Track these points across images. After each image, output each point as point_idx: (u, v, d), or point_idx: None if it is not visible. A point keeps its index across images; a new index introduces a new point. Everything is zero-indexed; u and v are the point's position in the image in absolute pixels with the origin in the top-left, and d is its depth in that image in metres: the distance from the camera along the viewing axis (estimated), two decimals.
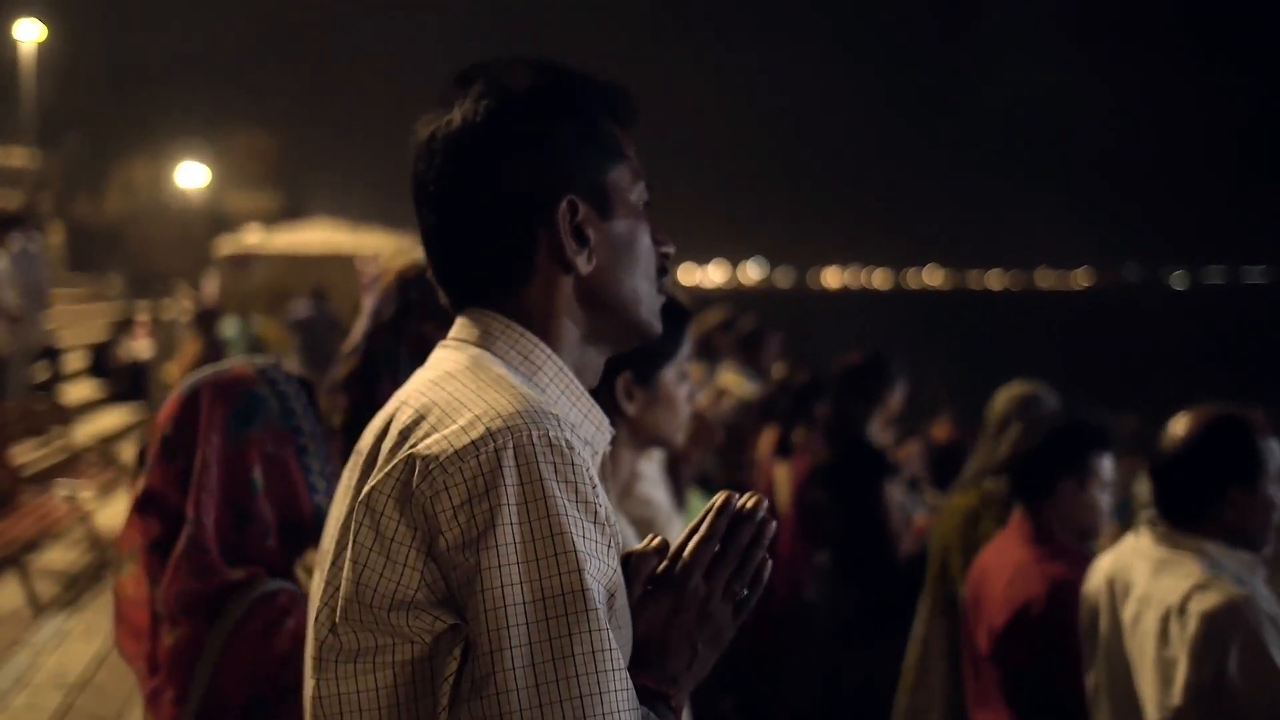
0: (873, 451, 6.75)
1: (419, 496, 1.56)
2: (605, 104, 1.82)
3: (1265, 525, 3.40)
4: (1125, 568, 3.57)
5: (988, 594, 4.35)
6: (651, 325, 1.86)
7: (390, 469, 1.60)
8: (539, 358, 1.76)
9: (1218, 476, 3.39)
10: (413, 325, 3.09)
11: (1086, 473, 4.28)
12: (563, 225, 1.75)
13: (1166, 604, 3.34)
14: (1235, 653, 3.18)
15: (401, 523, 1.57)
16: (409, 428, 1.63)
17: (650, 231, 1.85)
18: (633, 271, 1.81)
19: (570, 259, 1.75)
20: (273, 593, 2.51)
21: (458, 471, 1.55)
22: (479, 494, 1.54)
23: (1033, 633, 4.13)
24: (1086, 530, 4.35)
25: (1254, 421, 3.42)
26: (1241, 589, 3.27)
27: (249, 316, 21.77)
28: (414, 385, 1.73)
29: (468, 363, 1.71)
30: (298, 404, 2.69)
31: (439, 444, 1.58)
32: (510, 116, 1.75)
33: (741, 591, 1.77)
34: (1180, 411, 3.52)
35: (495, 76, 1.79)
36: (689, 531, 1.79)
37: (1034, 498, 4.34)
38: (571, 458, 1.57)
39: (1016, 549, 4.34)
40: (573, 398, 1.78)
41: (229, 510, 2.56)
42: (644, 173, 1.85)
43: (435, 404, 1.64)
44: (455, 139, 1.76)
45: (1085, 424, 4.37)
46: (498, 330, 1.77)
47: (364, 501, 1.61)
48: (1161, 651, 3.33)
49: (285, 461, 2.62)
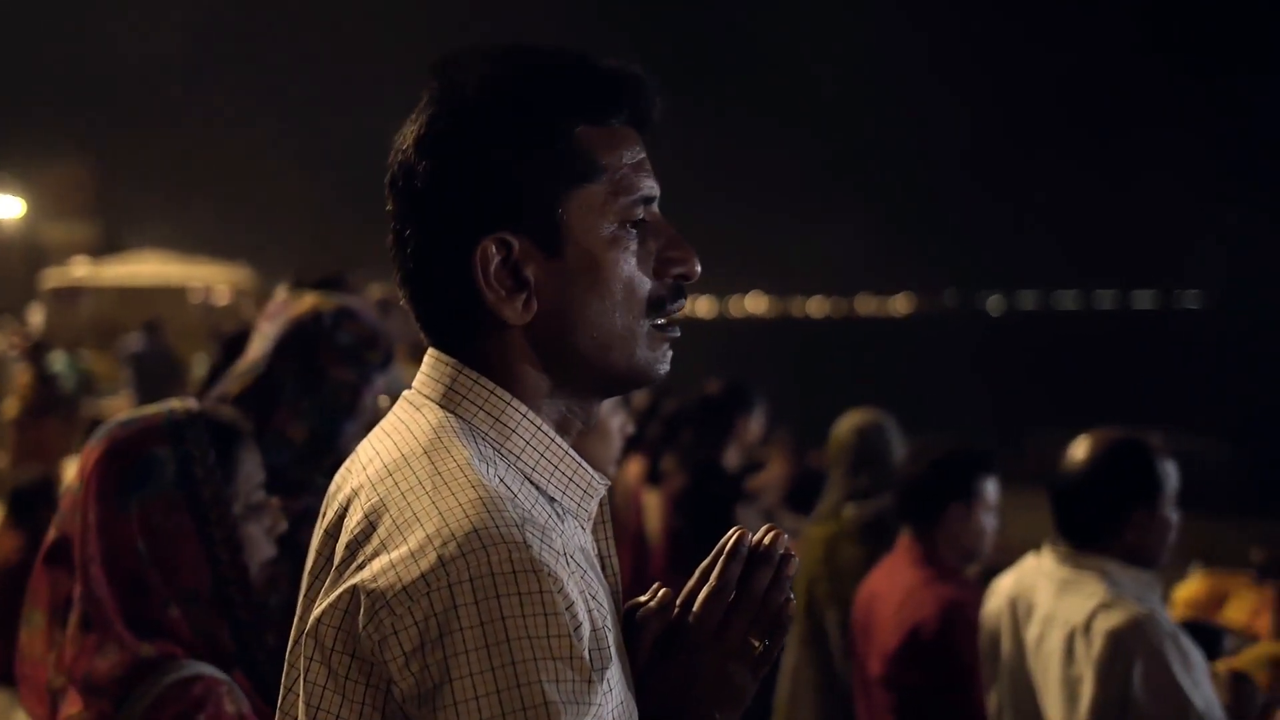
0: (726, 478, 6.83)
1: (366, 639, 1.38)
2: (577, 106, 1.55)
3: (1163, 545, 3.51)
4: (1028, 588, 3.64)
5: (878, 618, 4.41)
6: (639, 369, 1.59)
7: (336, 599, 1.42)
8: (512, 418, 1.55)
9: (1119, 498, 3.47)
10: (316, 360, 3.07)
11: (973, 496, 4.37)
12: (481, 270, 1.52)
13: (1071, 623, 3.42)
14: (1139, 670, 3.26)
15: (353, 664, 1.41)
16: (358, 539, 1.45)
17: (657, 251, 1.59)
18: (602, 310, 1.55)
19: (494, 308, 1.53)
20: (188, 680, 2.31)
21: (407, 613, 1.35)
22: (432, 641, 1.34)
23: (924, 655, 4.19)
24: (972, 553, 4.44)
25: (1153, 445, 3.52)
26: (1144, 608, 3.37)
27: (77, 351, 21.19)
28: (371, 465, 1.54)
29: (426, 443, 1.50)
30: (202, 466, 2.46)
31: (386, 576, 1.37)
32: (441, 134, 1.53)
33: (761, 645, 1.60)
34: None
35: (447, 77, 1.57)
36: (699, 576, 1.64)
37: (922, 522, 4.42)
38: (539, 584, 1.35)
39: (905, 573, 4.40)
40: (554, 460, 1.56)
41: (121, 579, 2.37)
42: (641, 182, 1.57)
43: (386, 508, 1.44)
44: (398, 159, 1.57)
45: (971, 449, 4.47)
46: (464, 387, 1.56)
47: (311, 633, 1.44)
48: (1067, 670, 3.41)
49: (177, 531, 2.41)
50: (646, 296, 1.58)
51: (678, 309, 1.62)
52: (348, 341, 3.10)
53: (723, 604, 1.60)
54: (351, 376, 3.09)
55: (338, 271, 4.79)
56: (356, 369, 3.10)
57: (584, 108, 1.55)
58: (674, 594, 1.65)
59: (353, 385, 3.08)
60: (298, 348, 3.08)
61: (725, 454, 6.90)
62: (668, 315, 1.60)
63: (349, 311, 3.16)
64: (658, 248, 1.59)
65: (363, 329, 3.14)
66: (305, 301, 3.15)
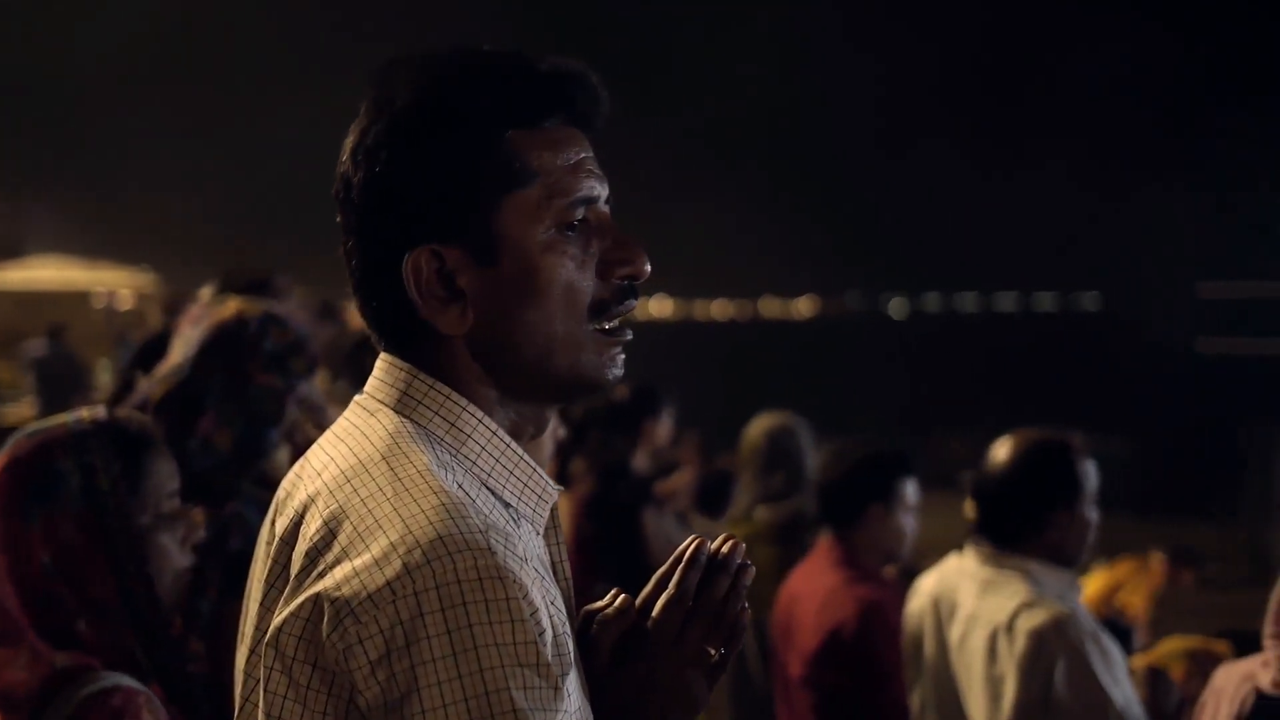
0: (634, 481, 6.84)
1: (330, 648, 1.36)
2: (507, 111, 1.53)
3: (1083, 544, 3.57)
4: (950, 588, 3.69)
5: (798, 620, 4.43)
6: (586, 375, 1.57)
7: (298, 607, 1.40)
8: (467, 423, 1.54)
9: (1041, 499, 3.53)
10: (241, 366, 3.04)
11: (893, 498, 4.41)
12: (413, 283, 1.51)
13: (994, 623, 3.46)
14: (1061, 668, 3.32)
15: (315, 674, 1.38)
16: (318, 546, 1.42)
17: (601, 253, 1.56)
18: (541, 317, 1.53)
19: (429, 320, 1.52)
20: (106, 691, 2.25)
21: (372, 621, 1.34)
22: (398, 649, 1.33)
23: (845, 656, 4.21)
24: (891, 554, 4.48)
25: (1074, 445, 3.58)
26: (1065, 607, 3.42)
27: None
28: (326, 471, 1.51)
29: (384, 448, 1.48)
30: (107, 477, 2.39)
31: (351, 584, 1.36)
32: (371, 147, 1.52)
33: (717, 652, 1.60)
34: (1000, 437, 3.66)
35: (382, 87, 1.55)
36: (656, 583, 1.65)
37: (842, 523, 4.45)
38: (505, 591, 1.34)
39: (825, 574, 4.43)
40: (509, 465, 1.55)
41: (29, 592, 2.31)
42: (580, 183, 1.55)
43: (347, 515, 1.42)
44: (340, 173, 1.56)
45: (890, 450, 4.51)
46: (419, 392, 1.54)
47: (271, 642, 1.42)
48: (990, 669, 3.45)
49: (81, 544, 2.35)
50: (589, 300, 1.56)
51: (626, 311, 1.59)
52: (273, 348, 3.07)
53: (681, 611, 1.60)
54: (277, 383, 3.06)
55: (265, 275, 4.73)
56: (282, 376, 3.08)
57: (515, 112, 1.53)
58: (631, 600, 1.64)
59: (278, 392, 3.06)
60: (222, 353, 3.04)
61: (634, 457, 6.93)
62: (615, 318, 1.58)
63: (275, 318, 3.13)
64: (602, 249, 1.57)
65: (288, 335, 3.11)
66: (230, 306, 3.12)
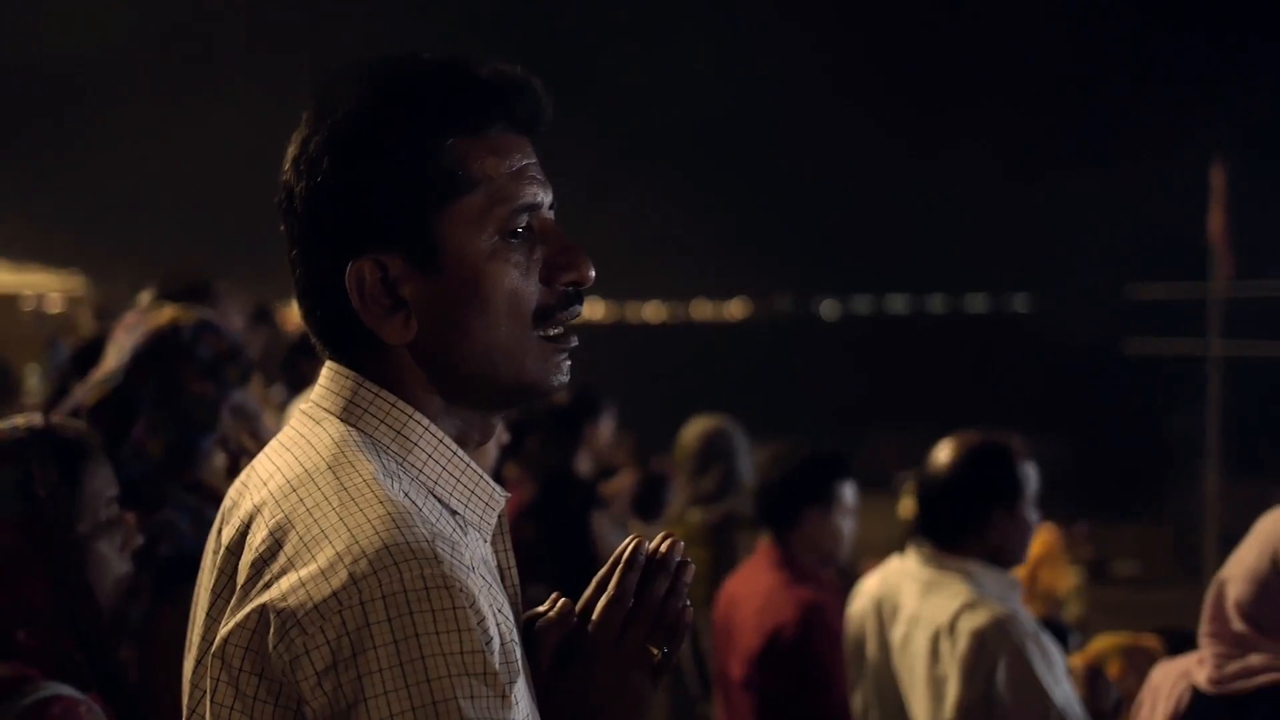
0: (579, 485, 6.85)
1: (276, 659, 1.35)
2: (449, 119, 1.52)
3: (1023, 546, 3.60)
4: (893, 589, 3.70)
5: (739, 621, 4.45)
6: (530, 381, 1.57)
7: (244, 618, 1.39)
8: (413, 431, 1.53)
9: (982, 500, 3.56)
10: (174, 374, 3.03)
11: (831, 500, 4.44)
12: (356, 293, 1.50)
13: (936, 623, 3.49)
14: (1003, 669, 3.35)
15: (262, 683, 1.38)
16: (263, 556, 1.42)
17: (544, 259, 1.56)
18: (484, 325, 1.52)
19: (373, 328, 1.52)
20: (46, 700, 2.22)
21: (319, 632, 1.33)
22: (345, 659, 1.32)
23: (785, 657, 4.25)
24: (829, 555, 4.51)
25: (1014, 448, 3.61)
26: (1006, 607, 3.45)
27: None
28: (272, 480, 1.51)
29: (330, 457, 1.48)
30: (45, 485, 2.35)
31: (297, 595, 1.35)
32: (313, 156, 1.51)
33: (660, 652, 1.60)
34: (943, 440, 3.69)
35: (324, 97, 1.55)
36: (596, 586, 1.64)
37: (781, 525, 4.47)
38: (452, 600, 1.34)
39: (764, 575, 4.45)
40: (456, 473, 1.55)
41: None
42: (523, 190, 1.54)
43: (293, 524, 1.42)
44: (282, 182, 1.55)
45: (829, 453, 4.55)
46: (365, 400, 1.53)
47: (218, 654, 1.41)
48: (932, 670, 3.48)
49: (18, 553, 2.31)
50: (534, 307, 1.55)
51: (571, 317, 1.59)
52: (207, 356, 3.07)
53: (621, 613, 1.60)
54: (210, 391, 3.06)
55: (202, 280, 4.68)
56: (215, 384, 3.07)
57: (457, 119, 1.53)
58: (572, 604, 1.64)
59: (211, 400, 3.06)
60: (155, 361, 3.04)
61: (576, 461, 6.93)
62: (559, 324, 1.58)
63: (209, 325, 3.12)
64: (546, 255, 1.56)
65: (222, 343, 3.11)
66: (164, 313, 3.11)
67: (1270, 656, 2.68)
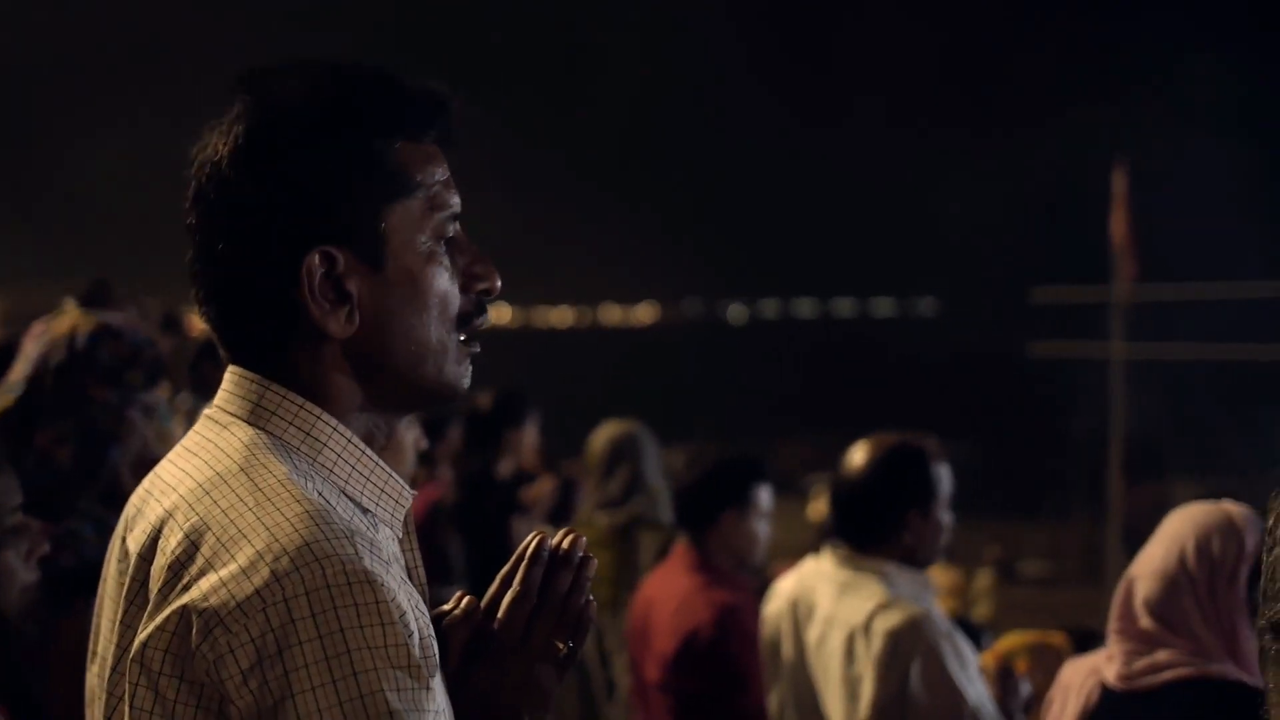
0: (500, 489, 6.85)
1: (200, 660, 1.35)
2: (396, 122, 1.56)
3: (936, 546, 3.65)
4: (808, 590, 3.73)
5: (655, 623, 4.46)
6: (448, 383, 1.61)
7: (163, 621, 1.38)
8: (323, 432, 1.54)
9: (897, 502, 3.59)
10: (78, 380, 2.99)
11: (747, 503, 4.46)
12: (307, 284, 1.50)
13: (852, 624, 3.52)
14: (917, 668, 3.39)
15: (183, 686, 1.37)
16: (180, 560, 1.41)
17: (463, 267, 1.61)
18: (418, 324, 1.56)
19: (319, 321, 1.52)
20: None
21: (243, 630, 1.33)
22: (270, 656, 1.33)
23: (702, 659, 4.26)
24: (746, 558, 4.54)
25: (928, 450, 3.66)
26: (920, 608, 3.49)
27: None
28: (181, 485, 1.50)
29: (241, 460, 1.48)
30: None
31: (218, 594, 1.36)
32: (261, 147, 1.51)
33: (565, 646, 1.63)
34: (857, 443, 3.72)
35: (260, 90, 1.55)
36: (500, 583, 1.66)
37: (697, 528, 4.48)
38: (375, 595, 1.36)
39: (680, 578, 4.47)
40: (366, 471, 1.56)
41: None
42: (451, 199, 1.60)
43: (208, 526, 1.42)
44: (208, 172, 1.53)
45: (745, 457, 4.58)
46: (272, 403, 1.54)
47: (136, 658, 1.40)
48: (848, 670, 3.51)
49: None
50: (456, 312, 1.61)
51: (482, 324, 1.64)
52: (107, 361, 3.02)
53: (526, 609, 1.62)
54: (112, 397, 3.01)
55: (101, 284, 4.63)
56: (117, 389, 3.02)
57: (404, 125, 1.57)
58: (477, 601, 1.66)
59: (114, 406, 3.01)
60: (55, 368, 2.99)
61: (498, 465, 6.95)
62: (473, 330, 1.63)
63: (109, 329, 3.07)
64: (464, 264, 1.62)
65: (123, 347, 3.06)
66: (65, 320, 3.07)
67: (1177, 652, 2.73)
